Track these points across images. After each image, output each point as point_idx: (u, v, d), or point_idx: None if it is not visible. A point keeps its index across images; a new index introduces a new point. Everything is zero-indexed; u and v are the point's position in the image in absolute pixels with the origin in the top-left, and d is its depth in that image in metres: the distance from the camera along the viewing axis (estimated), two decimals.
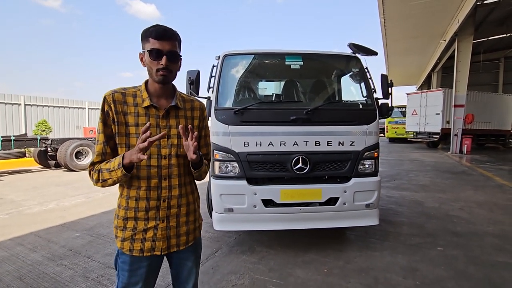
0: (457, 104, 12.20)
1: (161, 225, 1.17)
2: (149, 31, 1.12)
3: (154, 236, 1.16)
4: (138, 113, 1.16)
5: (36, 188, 5.89)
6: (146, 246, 1.16)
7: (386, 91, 3.01)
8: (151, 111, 1.18)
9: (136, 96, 1.18)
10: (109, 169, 1.09)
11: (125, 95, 1.17)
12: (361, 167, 2.80)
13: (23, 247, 3.03)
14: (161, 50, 1.11)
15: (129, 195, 1.16)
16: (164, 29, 1.12)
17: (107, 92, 1.16)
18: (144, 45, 1.15)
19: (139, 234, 1.15)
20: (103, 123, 1.14)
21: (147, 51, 1.12)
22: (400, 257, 2.76)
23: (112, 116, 1.14)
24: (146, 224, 1.16)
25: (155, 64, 1.13)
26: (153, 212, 1.16)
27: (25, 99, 10.91)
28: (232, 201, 2.69)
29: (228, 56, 2.99)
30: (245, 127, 2.68)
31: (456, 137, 12.34)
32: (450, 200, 4.81)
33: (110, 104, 1.14)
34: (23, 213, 4.21)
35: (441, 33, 12.99)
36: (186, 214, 1.24)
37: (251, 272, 2.48)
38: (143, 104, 1.17)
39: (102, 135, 1.15)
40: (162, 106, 1.20)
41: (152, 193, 1.16)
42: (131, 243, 1.15)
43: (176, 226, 1.21)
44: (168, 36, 1.12)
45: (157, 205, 1.17)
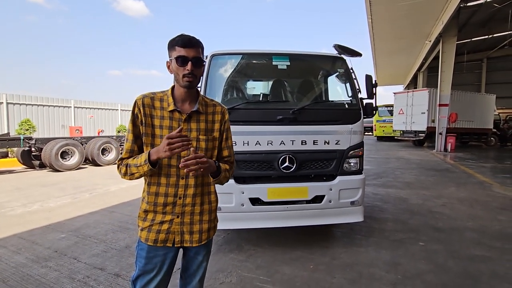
0: (442, 103, 12.56)
1: (176, 220, 1.27)
2: (175, 40, 1.22)
3: (168, 229, 1.26)
4: (163, 116, 1.26)
5: (19, 189, 5.74)
6: (160, 237, 1.25)
7: (371, 91, 3.08)
8: (175, 114, 1.27)
9: (163, 101, 1.28)
10: (137, 164, 1.20)
11: (153, 99, 1.28)
12: (346, 165, 2.87)
13: (6, 249, 2.96)
14: (187, 57, 1.20)
15: (150, 191, 1.27)
16: (189, 38, 1.22)
17: (138, 97, 1.28)
18: (170, 53, 1.24)
19: (155, 225, 1.26)
20: (132, 124, 1.26)
21: (174, 58, 1.21)
22: (383, 252, 2.85)
23: (141, 118, 1.25)
24: (163, 217, 1.26)
25: (181, 70, 1.21)
26: (170, 208, 1.26)
27: (7, 98, 10.57)
28: (220, 200, 2.67)
29: (216, 56, 3.00)
30: (233, 126, 2.69)
31: (440, 135, 12.71)
32: (433, 196, 4.98)
33: (139, 107, 1.25)
34: (6, 215, 4.11)
35: (427, 34, 13.33)
36: (200, 213, 1.31)
37: (238, 270, 2.51)
38: (168, 108, 1.27)
39: (131, 134, 1.27)
40: (185, 110, 1.29)
41: (170, 190, 1.26)
42: (148, 233, 1.26)
43: (189, 223, 1.29)
44: (192, 43, 1.22)
45: (173, 201, 1.26)
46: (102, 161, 8.92)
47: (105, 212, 4.20)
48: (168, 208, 1.26)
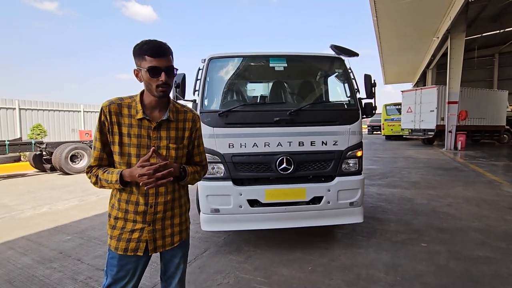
0: (451, 101, 12.29)
1: (147, 228, 1.26)
2: (144, 49, 1.16)
3: (139, 238, 1.24)
4: (132, 124, 1.22)
5: (30, 192, 5.92)
6: (130, 246, 1.24)
7: (370, 91, 3.06)
8: (144, 122, 1.24)
9: (131, 107, 1.24)
10: (108, 181, 1.19)
11: (121, 106, 1.23)
12: (345, 166, 2.86)
13: (14, 251, 3.07)
14: (159, 67, 1.16)
15: (121, 198, 1.25)
16: (158, 45, 1.17)
17: (104, 103, 1.23)
18: (140, 62, 1.18)
19: (125, 234, 1.24)
20: (99, 132, 1.23)
21: (145, 69, 1.16)
22: (384, 253, 2.82)
23: (107, 126, 1.21)
24: (133, 225, 1.24)
25: (154, 80, 1.17)
26: (141, 216, 1.25)
27: (19, 103, 10.91)
28: (218, 201, 2.74)
29: (213, 59, 3.04)
30: (230, 129, 2.73)
31: (450, 133, 12.43)
32: (439, 196, 4.88)
33: (106, 114, 1.21)
34: (16, 218, 4.25)
35: (434, 31, 13.07)
36: (171, 218, 1.32)
37: (236, 271, 2.53)
38: (136, 115, 1.22)
39: (99, 142, 1.24)
40: (154, 118, 1.26)
41: (140, 199, 1.24)
42: (117, 242, 1.24)
43: (161, 229, 1.29)
44: (164, 52, 1.17)
45: (144, 210, 1.24)
46: None
47: None
48: (139, 217, 1.24)
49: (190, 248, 2.58)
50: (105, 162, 1.26)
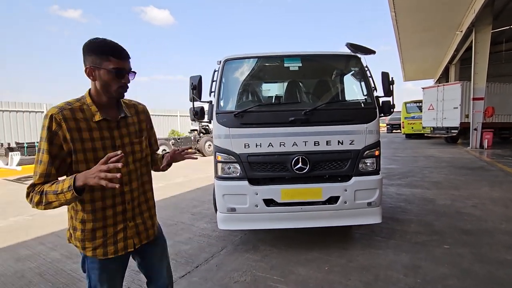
0: (476, 97, 11.71)
1: (130, 224, 1.27)
2: (107, 49, 1.13)
3: (125, 236, 1.26)
4: (91, 128, 1.16)
5: None
6: (119, 246, 1.24)
7: (387, 89, 3.00)
8: (102, 124, 1.19)
9: (84, 111, 1.17)
10: (56, 191, 1.03)
11: (73, 111, 1.14)
12: (362, 165, 2.82)
13: (44, 246, 3.26)
14: (124, 69, 1.17)
15: (95, 208, 1.18)
16: (121, 48, 1.17)
17: (52, 110, 1.11)
18: (101, 61, 1.13)
19: (110, 239, 1.22)
20: (48, 143, 1.08)
21: (108, 69, 1.13)
22: (403, 255, 2.75)
23: (63, 135, 1.10)
24: (115, 228, 1.23)
25: (117, 82, 1.16)
26: (120, 216, 1.24)
27: (47, 107, 11.53)
28: (235, 201, 2.78)
29: (229, 61, 3.09)
30: (245, 129, 2.77)
31: (475, 131, 11.85)
32: (463, 197, 4.68)
33: (60, 122, 1.09)
34: (45, 215, 4.49)
35: (457, 24, 12.51)
36: (148, 210, 1.37)
37: (253, 270, 2.57)
38: (94, 118, 1.17)
39: (46, 155, 1.08)
40: (112, 117, 1.23)
41: (117, 199, 1.23)
42: (104, 248, 1.21)
43: (143, 222, 1.33)
44: (127, 55, 1.19)
45: (123, 209, 1.24)
46: None
47: None
48: (119, 218, 1.23)
49: (207, 246, 2.67)
50: (53, 178, 1.10)
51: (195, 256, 2.88)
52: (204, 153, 12.50)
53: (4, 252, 3.13)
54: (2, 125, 10.34)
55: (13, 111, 10.60)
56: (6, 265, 2.82)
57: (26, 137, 10.64)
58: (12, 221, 4.24)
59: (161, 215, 4.24)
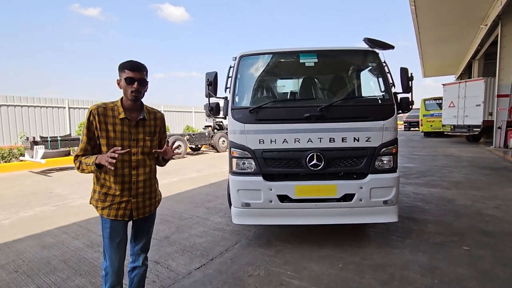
0: (501, 94, 11.17)
1: (132, 200, 1.65)
2: (125, 65, 1.57)
3: (126, 207, 1.63)
4: (116, 123, 1.59)
5: (79, 183, 6.52)
6: (119, 213, 1.62)
7: (406, 85, 2.93)
8: (125, 121, 1.61)
9: (114, 110, 1.61)
10: (87, 163, 1.54)
11: (106, 109, 1.59)
12: (378, 163, 2.77)
13: (67, 235, 3.43)
14: (134, 78, 1.56)
15: (110, 179, 1.60)
16: (136, 63, 1.58)
17: (92, 107, 1.59)
18: (121, 74, 1.59)
19: (115, 205, 1.61)
20: (87, 129, 1.58)
21: (123, 79, 1.57)
22: (420, 255, 2.69)
23: (95, 125, 1.56)
24: (121, 198, 1.62)
25: (129, 87, 1.56)
26: (127, 192, 1.63)
27: (69, 103, 11.99)
28: (249, 196, 2.81)
29: (244, 57, 3.10)
30: (260, 125, 2.78)
31: (499, 130, 11.32)
32: (485, 198, 4.51)
33: (94, 116, 1.56)
34: (68, 206, 4.72)
35: (481, 18, 11.92)
36: (149, 193, 1.73)
37: (267, 264, 2.59)
38: (119, 116, 1.60)
39: (85, 137, 1.58)
40: (133, 118, 1.64)
41: (125, 178, 1.62)
42: (109, 210, 1.61)
43: (143, 201, 1.69)
44: (138, 68, 1.57)
45: (129, 187, 1.63)
46: None
47: None
48: (125, 192, 1.62)
49: (222, 239, 2.72)
50: (88, 153, 1.59)
51: (210, 249, 2.94)
52: (218, 149, 12.62)
53: (31, 239, 3.31)
54: (28, 120, 10.85)
55: (38, 106, 11.10)
56: (33, 251, 2.99)
57: (49, 132, 11.13)
58: (38, 210, 4.47)
59: (176, 208, 4.37)
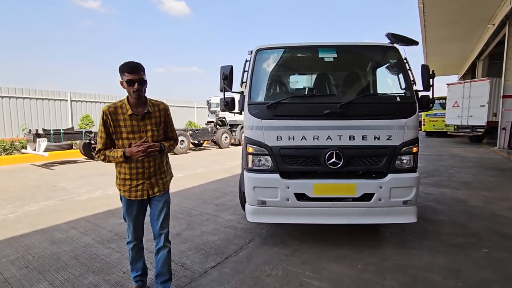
0: (506, 94, 11.11)
1: (146, 182, 1.95)
2: (124, 68, 1.79)
3: (142, 188, 1.94)
4: (125, 119, 1.87)
5: (83, 177, 6.44)
6: (138, 194, 1.95)
7: (427, 83, 2.85)
8: (133, 117, 1.88)
9: (122, 108, 1.88)
10: (114, 157, 1.84)
11: (116, 108, 1.87)
12: (399, 162, 2.70)
13: (76, 230, 3.36)
14: (133, 80, 1.79)
15: (126, 167, 1.91)
16: (133, 65, 1.79)
17: (104, 108, 1.86)
18: (122, 76, 1.82)
19: (133, 188, 1.93)
20: (103, 126, 1.86)
21: (124, 81, 1.81)
22: (440, 257, 2.64)
23: (109, 122, 1.85)
24: (137, 181, 1.93)
25: (131, 88, 1.80)
26: (141, 175, 1.93)
27: (71, 96, 11.86)
28: (265, 194, 2.74)
29: (261, 51, 3.01)
30: (278, 121, 2.70)
31: (504, 131, 11.27)
32: (497, 199, 4.46)
33: (107, 115, 1.84)
34: (74, 200, 4.65)
35: (489, 17, 11.81)
36: (160, 174, 2.02)
37: (284, 264, 2.53)
38: (127, 113, 1.87)
39: (104, 133, 1.87)
40: (139, 112, 1.90)
41: (139, 164, 1.92)
42: (129, 193, 1.94)
43: (155, 182, 1.99)
44: (136, 69, 1.79)
45: (143, 171, 1.93)
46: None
47: None
48: (140, 176, 1.92)
49: (235, 237, 3.06)
50: (108, 146, 1.90)
51: (223, 247, 2.88)
52: (221, 145, 12.55)
53: (40, 234, 3.24)
54: (29, 112, 10.72)
55: (39, 98, 10.97)
56: (43, 247, 2.92)
57: (51, 125, 11.02)
58: (44, 204, 4.39)
59: (185, 205, 4.30)
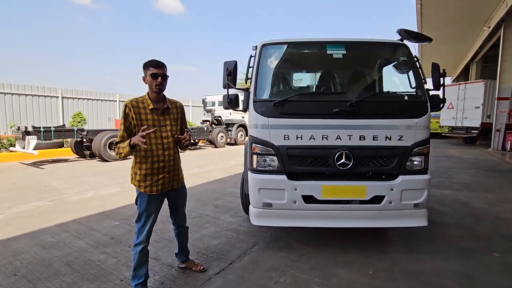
0: (501, 96, 11.24)
1: (166, 176, 2.04)
2: (149, 63, 1.94)
3: (163, 183, 2.04)
4: (146, 113, 1.97)
5: (75, 177, 6.20)
6: (159, 188, 2.03)
7: (438, 82, 2.76)
8: (153, 111, 1.99)
9: (143, 103, 1.99)
10: (122, 147, 1.89)
11: (137, 103, 1.97)
12: (410, 163, 2.60)
13: (68, 233, 3.17)
14: (157, 73, 1.93)
15: (147, 161, 1.98)
16: (158, 61, 1.95)
17: (127, 101, 1.95)
18: (146, 71, 1.96)
19: (154, 182, 2.00)
20: (124, 120, 1.94)
21: (149, 75, 1.93)
22: (451, 261, 2.55)
23: (131, 116, 1.93)
24: (157, 176, 2.00)
25: (154, 81, 1.94)
26: (161, 169, 2.01)
27: (62, 92, 11.51)
28: (271, 196, 2.61)
29: (266, 46, 2.88)
30: (286, 119, 2.58)
31: (498, 132, 11.41)
32: (499, 201, 4.43)
33: (130, 108, 1.93)
34: (65, 201, 4.43)
35: (485, 19, 11.93)
36: (178, 169, 2.15)
37: (291, 270, 2.41)
38: (148, 107, 1.98)
39: (123, 126, 1.94)
40: (159, 107, 2.02)
41: (160, 158, 2.00)
42: (150, 187, 1.99)
43: (173, 176, 2.11)
44: (161, 65, 1.95)
45: (163, 165, 2.02)
46: None
47: None
48: (160, 170, 2.00)
49: (237, 241, 3.00)
50: (125, 139, 1.92)
51: (226, 252, 2.74)
52: (216, 144, 12.37)
53: (29, 238, 3.04)
54: (18, 109, 10.36)
55: (29, 95, 10.61)
56: (32, 252, 2.73)
57: (41, 122, 10.68)
58: (33, 205, 4.17)
59: None
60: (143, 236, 2.03)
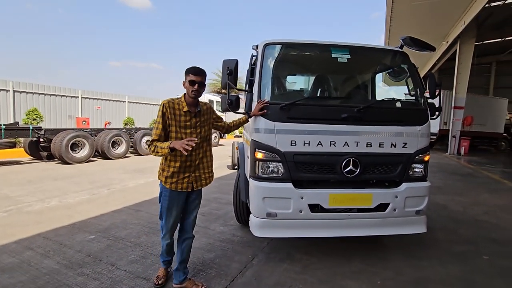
0: (457, 105, 12.34)
1: (193, 175, 2.10)
2: (190, 70, 2.03)
3: (188, 181, 2.09)
4: (181, 114, 2.05)
5: (31, 182, 5.44)
6: (184, 186, 2.07)
7: (434, 91, 2.83)
8: (187, 113, 2.06)
9: (179, 104, 2.06)
10: (162, 147, 1.91)
11: (173, 104, 2.04)
12: (412, 171, 2.62)
13: (33, 251, 2.68)
14: (195, 81, 2.02)
15: (176, 160, 2.03)
16: (198, 69, 2.04)
17: (164, 101, 2.04)
18: (186, 77, 2.04)
19: (180, 180, 2.05)
20: (162, 118, 2.00)
21: (188, 80, 2.02)
22: (450, 267, 2.60)
23: (167, 115, 2.01)
24: (184, 174, 2.06)
25: (191, 88, 2.02)
26: (189, 168, 2.08)
27: (13, 85, 10.17)
28: (277, 205, 2.44)
29: (269, 46, 2.71)
30: (293, 124, 2.43)
31: (454, 138, 12.51)
32: (471, 203, 4.74)
33: (167, 108, 2.01)
34: (24, 211, 3.82)
35: (444, 34, 13.03)
36: (205, 168, 2.19)
37: (299, 284, 2.26)
38: (183, 109, 2.05)
39: (161, 125, 1.99)
40: (193, 110, 2.09)
41: (188, 158, 2.06)
42: (176, 184, 2.04)
43: (200, 175, 2.15)
44: (199, 73, 2.03)
45: (191, 164, 2.09)
46: (112, 154, 8.63)
47: (130, 211, 3.92)
48: (187, 169, 2.07)
49: (234, 253, 2.82)
50: (161, 139, 2.00)
51: (225, 266, 2.51)
52: None
53: None
54: None
55: None
56: None
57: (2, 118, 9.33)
58: None
59: None
60: (166, 232, 2.14)
